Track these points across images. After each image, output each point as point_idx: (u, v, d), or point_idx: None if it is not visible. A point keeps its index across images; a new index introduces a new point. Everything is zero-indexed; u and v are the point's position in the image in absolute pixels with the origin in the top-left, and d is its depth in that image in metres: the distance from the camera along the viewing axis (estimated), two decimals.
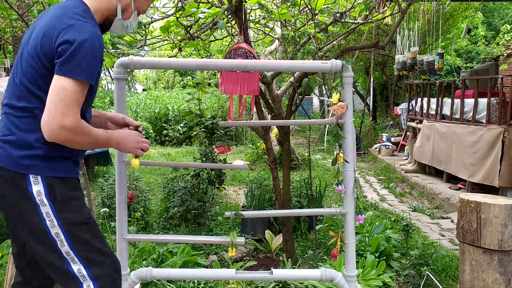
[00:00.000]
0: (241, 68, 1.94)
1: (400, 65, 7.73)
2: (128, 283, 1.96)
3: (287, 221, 3.25)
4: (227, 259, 3.37)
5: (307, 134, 13.52)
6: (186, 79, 20.24)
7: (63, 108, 1.33)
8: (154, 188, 5.88)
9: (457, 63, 13.20)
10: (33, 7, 3.51)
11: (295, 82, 3.29)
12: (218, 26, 1.88)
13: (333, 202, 5.57)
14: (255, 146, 9.28)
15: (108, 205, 4.17)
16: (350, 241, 1.95)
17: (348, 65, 1.87)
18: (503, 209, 2.41)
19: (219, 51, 4.72)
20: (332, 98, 1.87)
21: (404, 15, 2.91)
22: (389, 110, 13.15)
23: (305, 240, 3.95)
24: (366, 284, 2.85)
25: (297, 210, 3.83)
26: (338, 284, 1.94)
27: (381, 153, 9.19)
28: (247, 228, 4.02)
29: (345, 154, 1.90)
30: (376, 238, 3.45)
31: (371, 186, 6.92)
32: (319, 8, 3.33)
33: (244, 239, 1.95)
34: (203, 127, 3.14)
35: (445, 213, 5.32)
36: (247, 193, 4.49)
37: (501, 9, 16.31)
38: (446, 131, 6.28)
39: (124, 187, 1.96)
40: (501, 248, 2.42)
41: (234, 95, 2.21)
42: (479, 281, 2.50)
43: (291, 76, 4.20)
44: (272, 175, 3.18)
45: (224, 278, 2.73)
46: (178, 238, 2.32)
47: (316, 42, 3.35)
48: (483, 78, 5.99)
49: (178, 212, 4.02)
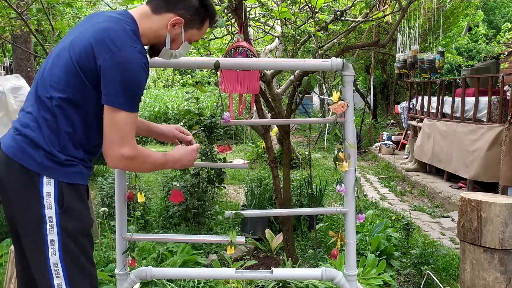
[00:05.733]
0: (241, 67, 1.93)
1: (401, 63, 7.72)
2: (128, 282, 1.95)
3: (287, 220, 3.24)
4: (227, 258, 3.36)
5: (308, 133, 13.51)
6: (185, 78, 20.23)
7: (120, 140, 1.40)
8: (154, 187, 5.88)
9: (458, 61, 13.19)
10: (32, 6, 3.50)
11: (295, 81, 3.28)
12: (218, 24, 1.87)
13: (333, 201, 5.56)
14: (255, 145, 9.28)
15: (108, 204, 4.16)
16: (351, 240, 1.94)
17: (349, 63, 1.86)
18: (504, 208, 2.40)
19: (218, 49, 4.71)
20: (332, 97, 1.86)
21: (404, 13, 2.90)
22: (390, 109, 13.14)
23: (305, 239, 3.94)
24: (367, 283, 2.84)
25: (297, 209, 3.83)
26: (339, 283, 1.93)
27: (382, 152, 9.18)
28: (247, 227, 4.01)
29: (346, 153, 1.89)
30: (376, 237, 3.44)
31: (372, 185, 6.91)
32: (319, 6, 3.32)
33: (244, 238, 1.94)
34: (202, 126, 3.13)
35: (445, 212, 5.31)
36: (247, 192, 4.49)
37: (502, 7, 16.28)
38: (446, 130, 6.27)
39: (124, 186, 1.95)
40: (502, 247, 2.41)
41: (234, 94, 2.20)
42: (479, 280, 2.50)
43: (291, 75, 4.19)
44: (272, 174, 3.17)
45: (224, 277, 2.72)
46: (178, 238, 2.32)
47: (317, 41, 3.34)
48: (484, 76, 5.98)
49: (178, 211, 4.01)
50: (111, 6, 3.70)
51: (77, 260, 1.47)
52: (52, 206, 1.41)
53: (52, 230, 1.42)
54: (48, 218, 1.41)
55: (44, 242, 1.42)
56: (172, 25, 1.53)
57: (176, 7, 1.53)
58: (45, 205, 1.40)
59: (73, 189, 1.46)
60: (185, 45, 1.62)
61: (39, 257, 1.44)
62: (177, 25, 1.54)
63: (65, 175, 1.43)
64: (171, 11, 1.52)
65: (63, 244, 1.43)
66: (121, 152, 1.40)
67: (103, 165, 7.00)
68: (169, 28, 1.53)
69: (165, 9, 1.52)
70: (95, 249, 3.24)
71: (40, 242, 1.42)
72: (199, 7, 1.57)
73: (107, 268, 2.97)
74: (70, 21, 6.31)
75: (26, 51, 6.10)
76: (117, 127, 1.39)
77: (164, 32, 1.53)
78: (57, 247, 1.42)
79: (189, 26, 1.57)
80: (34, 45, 7.24)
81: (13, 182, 1.43)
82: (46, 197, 1.41)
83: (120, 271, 1.95)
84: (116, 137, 1.40)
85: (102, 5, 9.05)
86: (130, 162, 1.43)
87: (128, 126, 1.41)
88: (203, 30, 1.64)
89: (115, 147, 1.40)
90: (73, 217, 1.45)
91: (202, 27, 1.62)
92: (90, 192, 2.58)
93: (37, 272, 1.47)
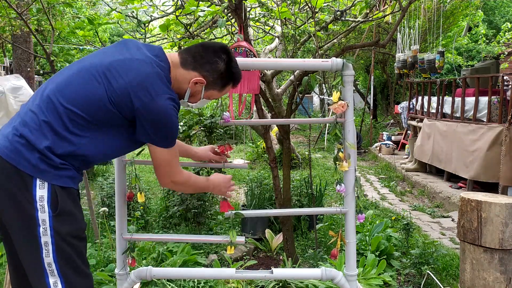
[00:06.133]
0: (241, 67, 1.93)
1: (401, 63, 7.72)
2: (128, 282, 1.95)
3: (287, 220, 3.24)
4: (227, 258, 3.36)
5: (308, 132, 13.51)
6: None
7: (168, 172, 1.60)
8: (154, 187, 5.88)
9: (457, 61, 13.18)
10: (32, 6, 3.50)
11: (295, 81, 3.28)
12: (218, 24, 1.87)
13: (333, 201, 5.56)
14: (255, 145, 9.28)
15: (108, 204, 4.16)
16: (351, 240, 1.94)
17: (349, 63, 1.86)
18: (504, 208, 2.40)
19: None
20: (332, 97, 1.86)
21: (404, 13, 2.90)
22: (390, 109, 13.13)
23: (305, 239, 3.94)
24: (367, 283, 2.84)
25: (297, 209, 3.83)
26: (339, 283, 1.93)
27: (382, 152, 9.18)
28: (247, 227, 4.01)
29: (346, 153, 1.89)
30: (376, 237, 3.44)
31: (372, 185, 6.91)
32: (319, 6, 3.31)
33: (244, 238, 1.94)
34: (202, 126, 3.13)
35: (445, 212, 5.31)
36: (247, 192, 4.49)
37: (502, 7, 16.27)
38: (446, 130, 6.27)
39: (124, 186, 1.95)
40: (502, 247, 2.41)
41: (234, 94, 2.20)
42: (479, 280, 2.50)
43: (291, 75, 4.18)
44: (272, 174, 3.17)
45: (224, 277, 2.72)
46: (178, 238, 2.32)
47: (317, 40, 3.33)
48: (484, 76, 5.98)
49: (178, 211, 4.01)
50: (111, 6, 3.70)
51: (72, 262, 1.47)
52: (45, 209, 1.41)
53: (46, 232, 1.41)
54: (42, 221, 1.41)
55: (37, 244, 1.42)
56: (194, 83, 1.59)
57: (202, 68, 1.58)
58: (38, 208, 1.40)
59: (66, 193, 1.46)
60: (203, 101, 1.69)
61: (33, 257, 1.43)
62: (199, 84, 1.60)
63: (58, 178, 1.43)
64: (197, 70, 1.58)
65: (56, 246, 1.43)
66: (172, 180, 1.62)
67: (103, 165, 7.01)
68: (190, 85, 1.59)
69: (191, 67, 1.58)
70: (95, 249, 3.24)
71: (33, 243, 1.42)
72: (224, 72, 1.61)
73: (107, 268, 2.97)
74: (70, 21, 6.30)
75: (26, 51, 6.10)
76: (164, 162, 1.57)
77: (186, 86, 1.60)
78: (51, 249, 1.42)
79: (211, 86, 1.63)
80: (34, 45, 7.22)
81: (4, 184, 1.42)
82: (39, 200, 1.40)
83: (120, 271, 1.95)
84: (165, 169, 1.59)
85: (102, 5, 9.05)
86: (179, 186, 1.67)
87: (172, 158, 1.58)
88: (223, 92, 1.69)
89: (166, 178, 1.61)
90: (67, 220, 1.45)
91: (223, 89, 1.68)
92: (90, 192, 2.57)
93: (30, 272, 1.46)
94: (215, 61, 1.58)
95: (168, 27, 2.98)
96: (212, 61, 1.58)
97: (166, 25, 2.94)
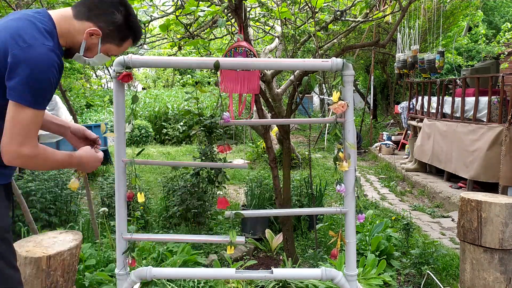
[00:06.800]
0: (241, 67, 1.93)
1: (401, 63, 7.72)
2: (128, 282, 1.95)
3: (287, 220, 3.24)
4: (227, 258, 3.36)
5: (307, 132, 13.51)
6: (186, 78, 20.23)
7: (21, 138, 1.35)
8: (154, 187, 5.88)
9: (457, 61, 13.18)
10: (31, 6, 3.50)
11: (295, 81, 3.28)
12: (218, 24, 1.87)
13: (333, 201, 5.56)
14: (255, 145, 9.28)
15: (108, 204, 4.16)
16: (351, 240, 1.94)
17: (349, 63, 1.86)
18: (504, 208, 2.40)
19: (218, 49, 4.70)
20: (332, 97, 1.86)
21: (404, 13, 2.90)
22: (390, 109, 13.13)
23: (305, 239, 3.94)
24: (367, 283, 2.84)
25: (297, 209, 3.83)
26: (339, 283, 1.93)
27: (382, 152, 9.18)
28: (247, 227, 4.01)
29: (346, 153, 1.89)
30: (376, 237, 3.44)
31: (372, 185, 6.91)
32: (319, 6, 3.31)
33: (244, 238, 1.94)
34: (202, 126, 3.13)
35: (445, 212, 5.31)
36: (247, 192, 4.49)
37: (502, 7, 16.28)
38: (446, 130, 6.27)
39: (124, 186, 1.95)
40: (502, 247, 2.41)
41: (234, 94, 2.20)
42: (479, 279, 2.50)
43: (291, 75, 4.19)
44: (272, 174, 3.17)
45: (224, 278, 2.72)
46: (178, 238, 2.31)
47: (317, 40, 3.34)
48: (484, 76, 5.98)
49: (178, 211, 4.01)
50: None
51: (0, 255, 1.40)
52: None
53: None
54: None
55: None
56: (89, 34, 1.50)
57: (97, 18, 1.51)
58: None
59: None
60: (101, 56, 1.59)
61: None
62: (95, 35, 1.51)
63: None
64: (91, 20, 1.50)
65: None
66: (21, 150, 1.35)
67: (103, 164, 7.00)
68: (85, 36, 1.51)
69: (86, 17, 1.50)
70: (95, 249, 3.24)
71: None
72: (123, 25, 1.55)
73: (107, 268, 2.97)
74: None
75: None
76: (21, 124, 1.34)
77: (81, 38, 1.51)
78: None
79: (108, 40, 1.55)
80: None
81: None
82: None
83: (120, 271, 1.95)
84: (17, 135, 1.34)
85: None
86: (28, 160, 1.38)
87: (32, 124, 1.36)
88: (122, 48, 1.61)
89: (15, 144, 1.34)
90: None
91: (122, 44, 1.59)
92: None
93: None
94: (111, 11, 1.51)
95: (168, 27, 2.98)
96: (108, 12, 1.51)
97: (166, 25, 2.94)
